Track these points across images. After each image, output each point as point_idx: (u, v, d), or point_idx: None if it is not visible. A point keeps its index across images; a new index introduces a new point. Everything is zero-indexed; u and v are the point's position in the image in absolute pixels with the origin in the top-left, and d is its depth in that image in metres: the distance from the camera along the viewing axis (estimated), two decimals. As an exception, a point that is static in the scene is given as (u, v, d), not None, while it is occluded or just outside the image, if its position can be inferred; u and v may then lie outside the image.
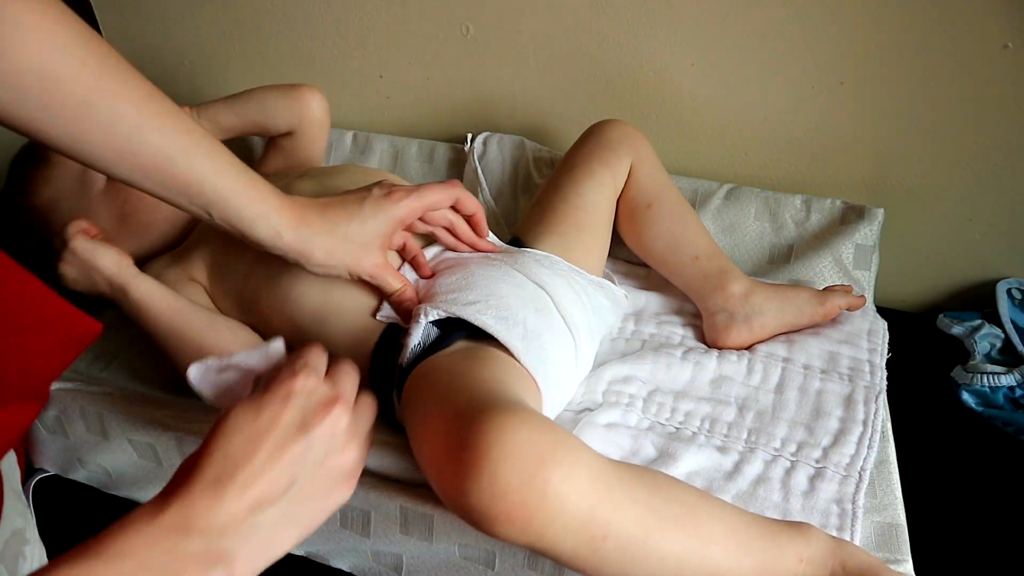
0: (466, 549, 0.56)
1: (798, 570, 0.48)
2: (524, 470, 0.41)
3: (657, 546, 0.44)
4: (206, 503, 0.35)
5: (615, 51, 0.90)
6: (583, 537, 0.42)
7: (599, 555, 0.43)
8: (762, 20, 0.83)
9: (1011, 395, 0.76)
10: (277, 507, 0.37)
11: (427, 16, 0.95)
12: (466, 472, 0.41)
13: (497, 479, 0.41)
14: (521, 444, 0.41)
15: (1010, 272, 0.89)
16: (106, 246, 0.69)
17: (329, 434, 0.40)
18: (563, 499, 0.41)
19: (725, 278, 0.74)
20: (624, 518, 0.43)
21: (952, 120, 0.82)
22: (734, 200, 0.88)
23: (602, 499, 0.43)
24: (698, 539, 0.46)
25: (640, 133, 0.79)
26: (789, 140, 0.90)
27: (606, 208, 0.78)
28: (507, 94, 0.98)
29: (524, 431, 0.42)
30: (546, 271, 0.68)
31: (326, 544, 0.63)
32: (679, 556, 0.45)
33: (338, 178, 0.76)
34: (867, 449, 0.62)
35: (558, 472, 0.41)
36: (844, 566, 0.49)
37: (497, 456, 0.41)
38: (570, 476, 0.42)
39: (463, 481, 0.42)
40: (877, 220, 0.84)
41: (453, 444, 0.43)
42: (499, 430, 0.42)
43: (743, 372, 0.71)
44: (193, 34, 1.09)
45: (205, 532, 0.35)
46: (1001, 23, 0.75)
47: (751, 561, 0.47)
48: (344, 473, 0.42)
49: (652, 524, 0.44)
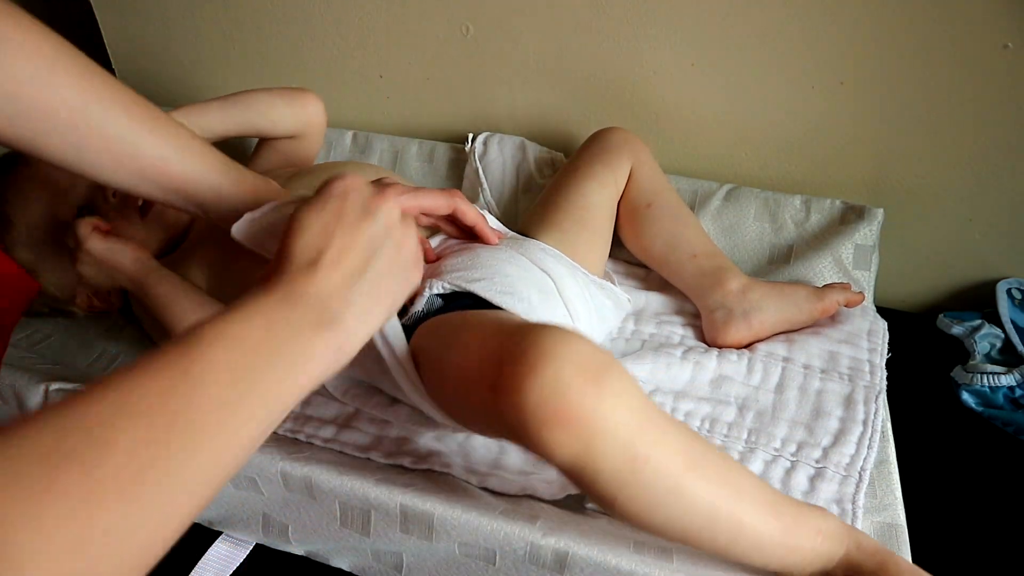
0: (467, 547, 0.56)
1: (816, 541, 0.48)
2: (585, 373, 0.42)
3: (693, 486, 0.45)
4: (305, 280, 0.40)
5: (615, 51, 0.90)
6: (627, 455, 0.43)
7: (637, 480, 0.43)
8: (762, 20, 0.83)
9: (1011, 395, 0.76)
10: (365, 279, 0.42)
11: (427, 16, 0.95)
12: (528, 368, 0.42)
13: (560, 377, 0.41)
14: (583, 352, 0.42)
15: (1010, 272, 0.89)
16: (122, 243, 0.69)
17: (389, 218, 0.45)
18: (617, 409, 0.42)
19: (723, 275, 0.75)
20: (667, 447, 0.44)
21: (952, 120, 0.82)
22: (734, 200, 0.88)
23: (649, 422, 0.44)
24: (730, 490, 0.46)
25: (639, 139, 0.82)
26: (789, 140, 0.90)
27: (608, 209, 0.79)
28: (507, 94, 0.98)
29: (584, 343, 0.43)
30: (551, 259, 0.69)
31: (326, 543, 0.63)
32: (711, 502, 0.45)
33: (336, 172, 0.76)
34: (867, 449, 0.62)
35: (615, 384, 0.42)
36: (859, 545, 0.50)
37: (563, 355, 0.42)
38: (624, 392, 0.43)
39: (524, 378, 0.42)
40: (877, 220, 0.84)
41: (510, 347, 0.44)
42: (562, 335, 0.43)
43: (743, 372, 0.71)
44: (193, 34, 1.09)
45: (313, 302, 0.39)
46: (1001, 23, 0.75)
47: (777, 523, 0.47)
48: (412, 256, 0.47)
49: (692, 461, 0.45)
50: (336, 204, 0.44)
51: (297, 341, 0.38)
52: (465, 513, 0.55)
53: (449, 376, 0.51)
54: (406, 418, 0.66)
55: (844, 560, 0.49)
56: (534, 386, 0.41)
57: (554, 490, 0.59)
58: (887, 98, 0.83)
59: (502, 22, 0.93)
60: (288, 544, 0.64)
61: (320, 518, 0.60)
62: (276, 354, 0.37)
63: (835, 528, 0.50)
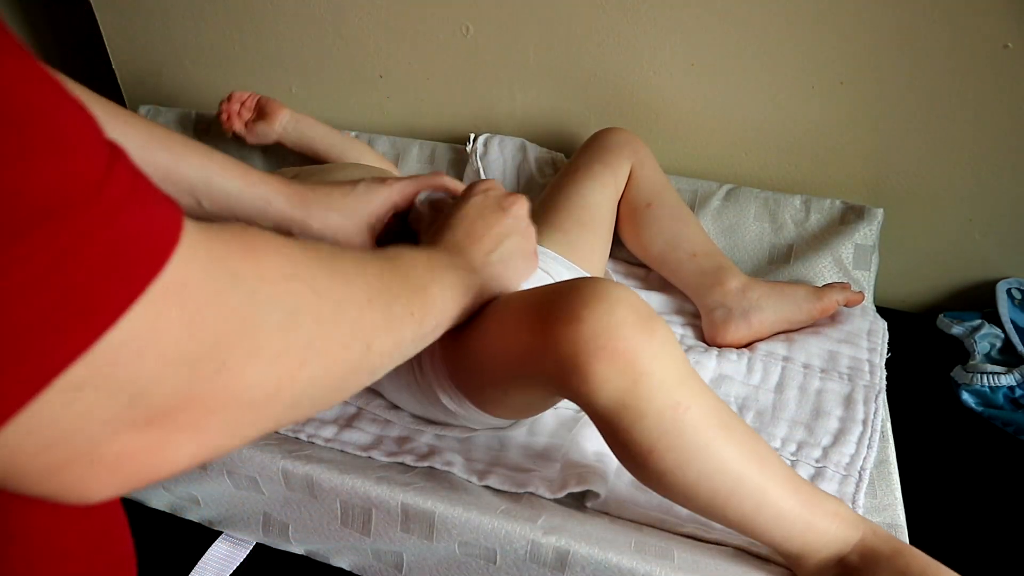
0: (467, 547, 0.56)
1: (832, 523, 0.49)
2: (638, 317, 0.44)
3: (724, 447, 0.46)
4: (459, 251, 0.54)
5: (615, 51, 0.90)
6: (671, 400, 0.44)
7: (677, 427, 0.45)
8: (762, 20, 0.83)
9: (1011, 395, 0.76)
10: (498, 255, 0.55)
11: (427, 16, 0.95)
12: (585, 303, 0.44)
13: (615, 313, 0.44)
14: (635, 300, 0.46)
15: (1010, 272, 0.89)
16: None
17: (518, 214, 0.58)
18: (665, 356, 0.44)
19: (722, 274, 0.75)
20: (705, 403, 0.46)
21: (952, 120, 0.82)
22: (734, 200, 0.88)
23: (692, 378, 0.46)
24: (759, 460, 0.47)
25: (640, 139, 0.82)
26: (789, 140, 0.90)
27: (608, 209, 0.79)
28: (507, 94, 0.98)
29: (635, 295, 0.46)
30: (553, 262, 0.69)
31: (326, 543, 0.62)
32: (741, 465, 0.46)
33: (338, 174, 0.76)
34: (867, 449, 0.62)
35: (663, 334, 0.45)
36: (875, 532, 0.50)
37: (618, 297, 0.45)
38: (671, 344, 0.46)
39: (581, 310, 0.44)
40: (877, 220, 0.84)
41: (565, 291, 0.47)
42: (616, 284, 0.47)
43: (743, 371, 0.71)
44: (193, 34, 1.09)
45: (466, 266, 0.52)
46: (1001, 23, 0.75)
47: (797, 499, 0.48)
48: (532, 247, 0.59)
49: (725, 423, 0.47)
50: (477, 200, 0.58)
51: (455, 271, 0.50)
52: (466, 512, 0.55)
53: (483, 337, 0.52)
54: (408, 418, 0.66)
55: (860, 545, 0.49)
56: (590, 317, 0.44)
57: (555, 488, 0.59)
58: (887, 98, 0.83)
59: (502, 22, 0.93)
60: (288, 543, 0.64)
61: (321, 517, 0.60)
62: (443, 270, 0.48)
63: (850, 514, 0.50)
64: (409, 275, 0.43)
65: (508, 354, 0.50)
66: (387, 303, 0.39)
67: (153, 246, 0.24)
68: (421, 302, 0.43)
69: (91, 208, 0.22)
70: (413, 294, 0.42)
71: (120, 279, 0.23)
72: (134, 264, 0.23)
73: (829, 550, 0.49)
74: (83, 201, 0.21)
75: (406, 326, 0.41)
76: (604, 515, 0.59)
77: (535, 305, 0.48)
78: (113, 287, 0.22)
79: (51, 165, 0.21)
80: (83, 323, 0.22)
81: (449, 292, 0.48)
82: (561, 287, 0.48)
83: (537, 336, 0.46)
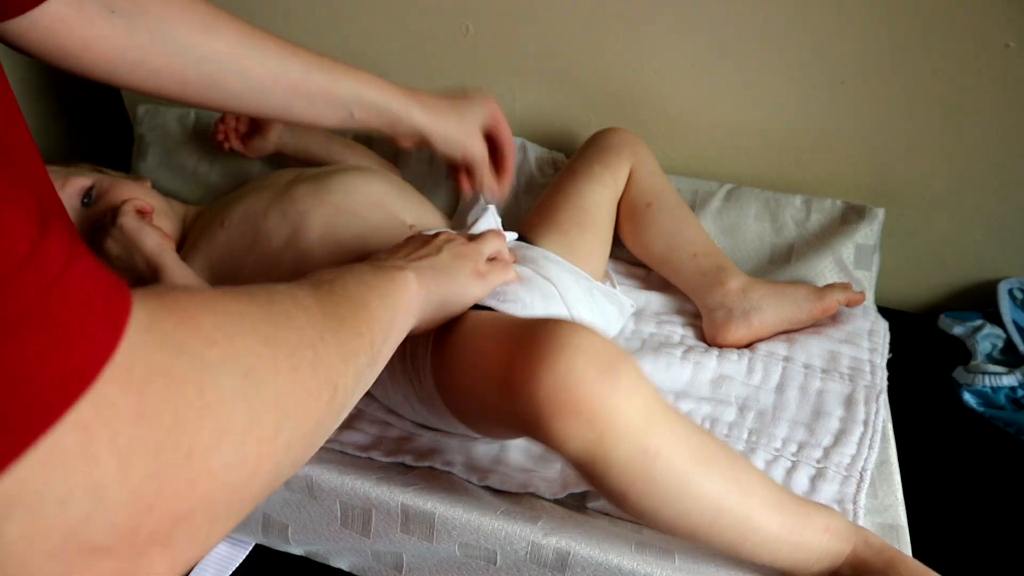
0: (467, 548, 0.56)
1: (823, 538, 0.49)
2: (599, 365, 0.42)
3: (701, 481, 0.45)
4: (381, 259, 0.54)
5: (615, 51, 0.90)
6: (639, 448, 0.43)
7: (648, 473, 0.44)
8: (762, 20, 0.83)
9: (1012, 395, 0.76)
10: (428, 263, 0.53)
11: (427, 16, 0.95)
12: (542, 358, 0.43)
13: (574, 367, 0.42)
14: (596, 345, 0.44)
15: (1011, 272, 0.89)
16: (152, 227, 0.69)
17: (448, 237, 0.58)
18: (630, 402, 0.43)
19: (723, 275, 0.75)
20: (677, 443, 0.45)
21: (953, 120, 0.82)
22: (734, 200, 0.88)
23: (661, 417, 0.44)
24: (739, 486, 0.47)
25: (640, 139, 0.82)
26: (790, 140, 0.90)
27: (607, 209, 0.79)
28: (507, 94, 0.98)
29: (598, 337, 0.45)
30: (554, 265, 0.69)
31: (326, 544, 0.62)
32: (720, 497, 0.46)
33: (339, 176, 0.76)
34: (868, 449, 0.62)
35: (626, 379, 0.43)
36: (867, 543, 0.50)
37: (577, 346, 0.43)
38: (636, 386, 0.44)
39: (537, 367, 0.43)
40: (877, 220, 0.83)
41: (522, 340, 0.45)
42: (576, 329, 0.44)
43: (743, 371, 0.71)
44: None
45: (393, 269, 0.49)
46: (1002, 22, 0.75)
47: (783, 520, 0.47)
48: (471, 270, 0.57)
49: (701, 457, 0.45)
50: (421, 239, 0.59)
51: (385, 277, 0.47)
52: (466, 513, 0.55)
53: (462, 376, 0.52)
54: (408, 423, 0.66)
55: (852, 557, 0.49)
56: (547, 375, 0.42)
57: (555, 488, 0.59)
58: (888, 98, 0.83)
59: (502, 22, 0.93)
60: (288, 544, 0.64)
61: (320, 518, 0.60)
62: (374, 280, 0.45)
63: (842, 526, 0.50)
64: (344, 295, 0.40)
65: (482, 403, 0.50)
66: (336, 331, 0.36)
67: (95, 331, 0.21)
68: (366, 320, 0.40)
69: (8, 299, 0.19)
70: (356, 314, 0.40)
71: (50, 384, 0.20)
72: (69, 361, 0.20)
73: (821, 564, 0.49)
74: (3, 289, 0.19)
75: (360, 351, 0.38)
76: (605, 516, 0.59)
77: (498, 355, 0.47)
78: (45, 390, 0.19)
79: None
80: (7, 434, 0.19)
81: (389, 301, 0.45)
82: (522, 334, 0.46)
83: (500, 394, 0.46)
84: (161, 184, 1.02)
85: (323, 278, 0.42)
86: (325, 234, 0.69)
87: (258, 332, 0.29)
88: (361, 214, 0.71)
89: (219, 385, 0.25)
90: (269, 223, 0.71)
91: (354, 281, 0.43)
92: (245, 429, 0.26)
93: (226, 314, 0.28)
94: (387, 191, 0.75)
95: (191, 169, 1.03)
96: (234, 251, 0.72)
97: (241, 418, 0.26)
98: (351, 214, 0.71)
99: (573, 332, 0.44)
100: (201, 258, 0.74)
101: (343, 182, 0.74)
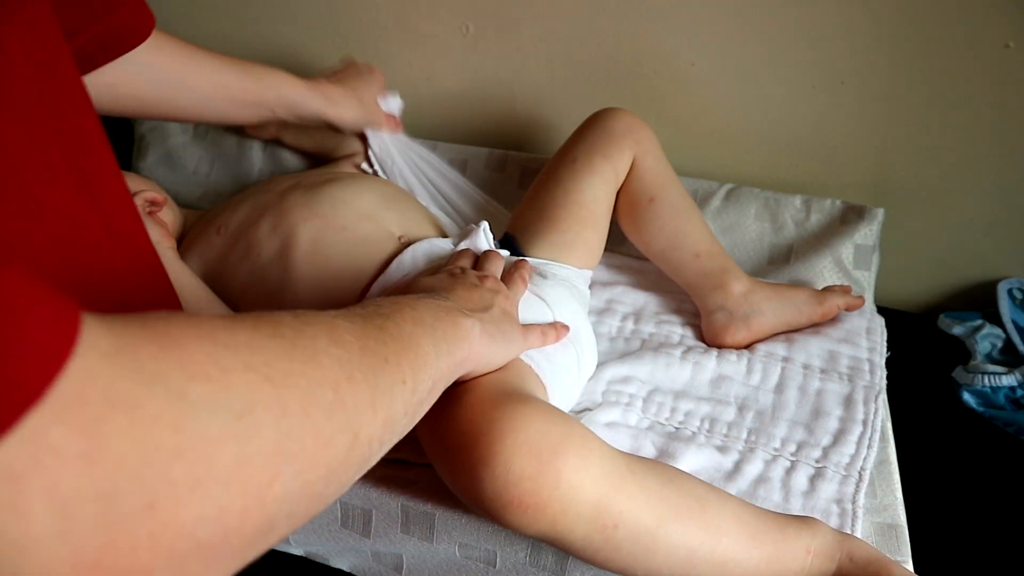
0: (467, 549, 0.56)
1: (806, 561, 0.48)
2: (537, 459, 0.42)
3: (668, 536, 0.45)
4: (445, 297, 0.48)
5: (615, 51, 0.90)
6: (595, 525, 0.43)
7: (611, 544, 0.44)
8: (763, 20, 0.83)
9: (1012, 395, 0.76)
10: (490, 316, 0.49)
11: (427, 15, 0.95)
12: (480, 461, 0.43)
13: (511, 468, 0.42)
14: (534, 435, 0.43)
15: (1011, 272, 0.89)
16: (154, 221, 0.68)
17: (494, 287, 0.55)
18: (575, 488, 0.42)
19: (726, 277, 0.74)
20: (636, 507, 0.44)
21: (953, 120, 0.82)
22: (734, 200, 0.87)
23: (614, 488, 0.44)
24: (708, 531, 0.46)
25: (644, 123, 0.76)
26: (789, 140, 0.90)
27: (607, 203, 0.76)
28: (507, 94, 0.98)
29: (537, 422, 0.44)
30: (547, 283, 0.67)
31: (326, 544, 0.62)
32: (690, 547, 0.46)
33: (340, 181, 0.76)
34: (867, 449, 0.62)
35: (571, 462, 0.43)
36: (852, 558, 0.49)
37: (511, 445, 0.42)
38: (582, 466, 0.43)
39: (477, 470, 0.43)
40: (877, 220, 0.83)
41: (467, 435, 0.44)
42: (512, 420, 0.43)
43: (743, 372, 0.71)
44: (192, 34, 1.08)
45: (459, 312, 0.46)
46: (1003, 22, 0.75)
47: (760, 553, 0.47)
48: (516, 326, 0.53)
49: (664, 514, 0.45)
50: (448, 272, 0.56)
51: (449, 318, 0.44)
52: (466, 513, 0.55)
53: (429, 452, 0.51)
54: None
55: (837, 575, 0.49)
56: (487, 479, 0.42)
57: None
58: (888, 98, 0.83)
59: (502, 21, 0.93)
60: (287, 545, 0.64)
61: (320, 518, 0.60)
62: (435, 318, 0.42)
63: (825, 544, 0.49)
64: (396, 333, 0.37)
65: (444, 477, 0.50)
66: (373, 373, 0.32)
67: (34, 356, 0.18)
68: (411, 363, 0.36)
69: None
70: (401, 354, 0.36)
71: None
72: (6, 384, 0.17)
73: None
74: None
75: (397, 398, 0.34)
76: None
77: (454, 445, 0.46)
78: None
79: None
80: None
81: (444, 347, 0.41)
82: (468, 423, 0.45)
83: (453, 485, 0.46)
84: (161, 184, 1.02)
85: (381, 310, 0.38)
86: (313, 250, 0.68)
87: (268, 368, 0.26)
88: (350, 227, 0.70)
89: (202, 424, 0.22)
90: (260, 234, 0.70)
91: (411, 318, 0.39)
92: (228, 476, 0.23)
93: (227, 346, 0.25)
94: (377, 201, 0.74)
95: (191, 169, 1.03)
96: (228, 259, 0.72)
97: (225, 463, 0.23)
98: (339, 228, 0.69)
99: (511, 426, 0.43)
100: (197, 263, 0.73)
101: (333, 195, 0.72)
